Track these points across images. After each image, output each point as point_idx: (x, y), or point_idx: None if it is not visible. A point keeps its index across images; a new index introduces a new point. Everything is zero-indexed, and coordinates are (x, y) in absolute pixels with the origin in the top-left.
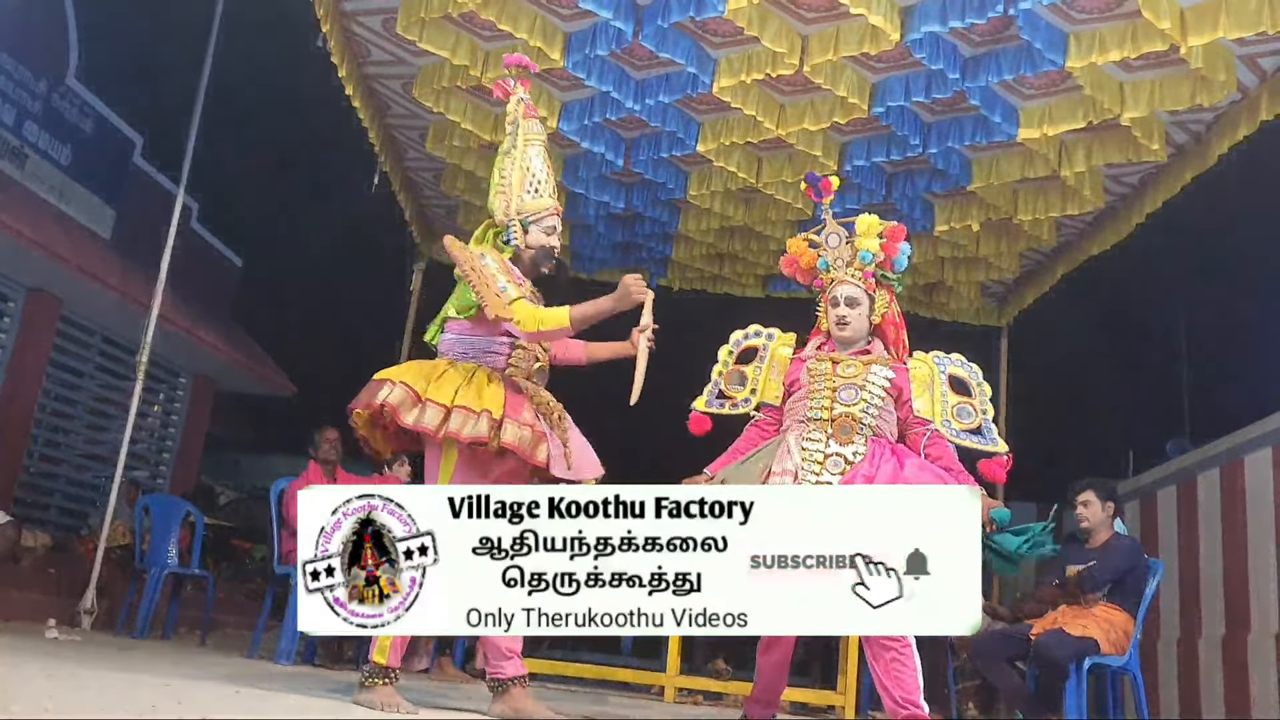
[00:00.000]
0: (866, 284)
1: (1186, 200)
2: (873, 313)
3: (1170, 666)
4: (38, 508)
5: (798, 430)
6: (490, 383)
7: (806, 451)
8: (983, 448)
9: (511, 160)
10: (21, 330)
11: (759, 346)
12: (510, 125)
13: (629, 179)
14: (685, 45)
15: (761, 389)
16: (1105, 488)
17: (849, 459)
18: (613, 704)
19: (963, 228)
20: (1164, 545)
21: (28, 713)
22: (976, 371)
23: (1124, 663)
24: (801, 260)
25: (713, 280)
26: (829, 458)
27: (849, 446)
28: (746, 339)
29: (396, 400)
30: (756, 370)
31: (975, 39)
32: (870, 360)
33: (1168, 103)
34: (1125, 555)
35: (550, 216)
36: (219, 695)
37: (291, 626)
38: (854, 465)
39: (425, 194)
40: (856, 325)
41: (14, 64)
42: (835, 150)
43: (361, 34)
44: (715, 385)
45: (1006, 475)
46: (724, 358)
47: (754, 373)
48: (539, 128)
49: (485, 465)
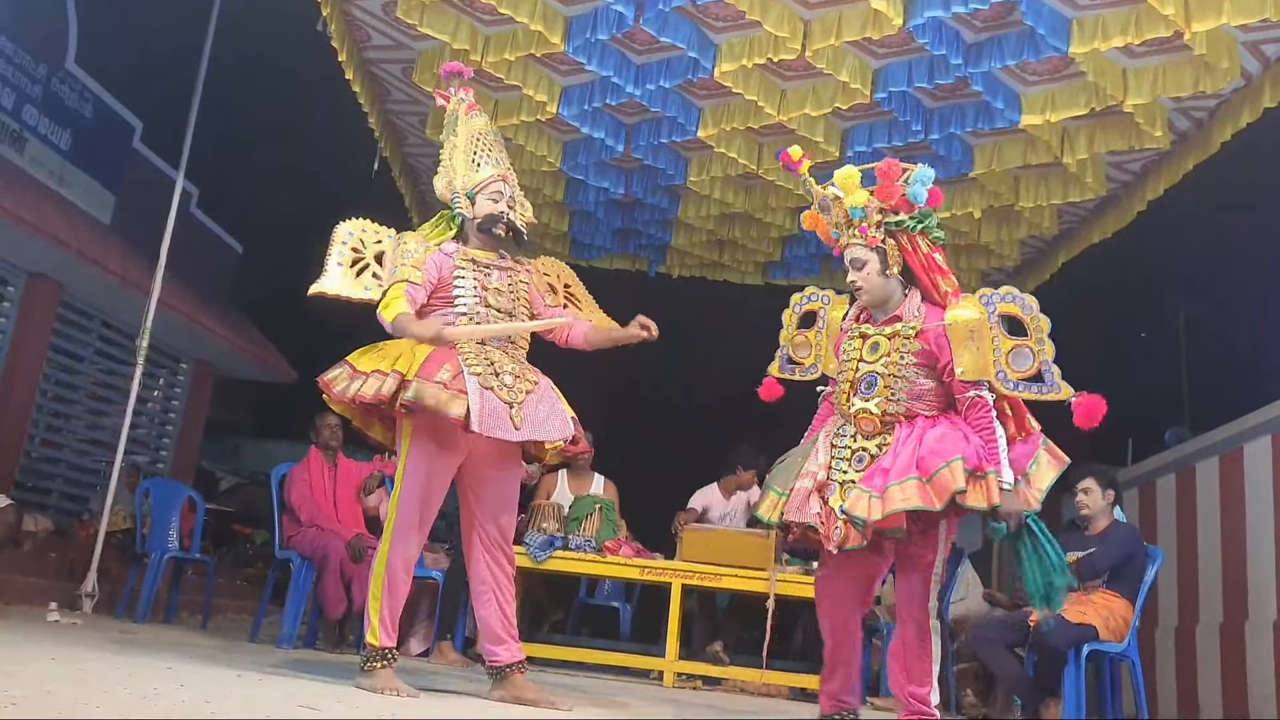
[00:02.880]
0: (869, 239)
1: (1189, 187)
2: (887, 266)
3: (1168, 654)
4: (39, 492)
5: (832, 424)
6: (424, 348)
7: (835, 449)
8: (1042, 397)
9: (452, 145)
10: (22, 315)
11: (818, 310)
12: (449, 119)
13: (629, 165)
14: (686, 29)
15: (824, 359)
16: (1106, 475)
17: (873, 453)
18: (612, 688)
19: (964, 215)
20: (1163, 533)
21: (31, 695)
22: (1031, 305)
23: (1123, 650)
24: (821, 234)
25: (712, 267)
26: (854, 453)
27: (874, 439)
28: (806, 301)
29: (331, 376)
30: (818, 336)
31: (978, 24)
32: (895, 332)
33: (1171, 89)
34: (1125, 543)
35: (494, 183)
36: (220, 679)
37: (292, 611)
38: (877, 458)
39: (425, 180)
40: (870, 285)
41: (13, 48)
42: (837, 136)
43: (362, 18)
44: (783, 351)
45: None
46: (787, 323)
47: (815, 339)
48: (482, 120)
49: (443, 434)
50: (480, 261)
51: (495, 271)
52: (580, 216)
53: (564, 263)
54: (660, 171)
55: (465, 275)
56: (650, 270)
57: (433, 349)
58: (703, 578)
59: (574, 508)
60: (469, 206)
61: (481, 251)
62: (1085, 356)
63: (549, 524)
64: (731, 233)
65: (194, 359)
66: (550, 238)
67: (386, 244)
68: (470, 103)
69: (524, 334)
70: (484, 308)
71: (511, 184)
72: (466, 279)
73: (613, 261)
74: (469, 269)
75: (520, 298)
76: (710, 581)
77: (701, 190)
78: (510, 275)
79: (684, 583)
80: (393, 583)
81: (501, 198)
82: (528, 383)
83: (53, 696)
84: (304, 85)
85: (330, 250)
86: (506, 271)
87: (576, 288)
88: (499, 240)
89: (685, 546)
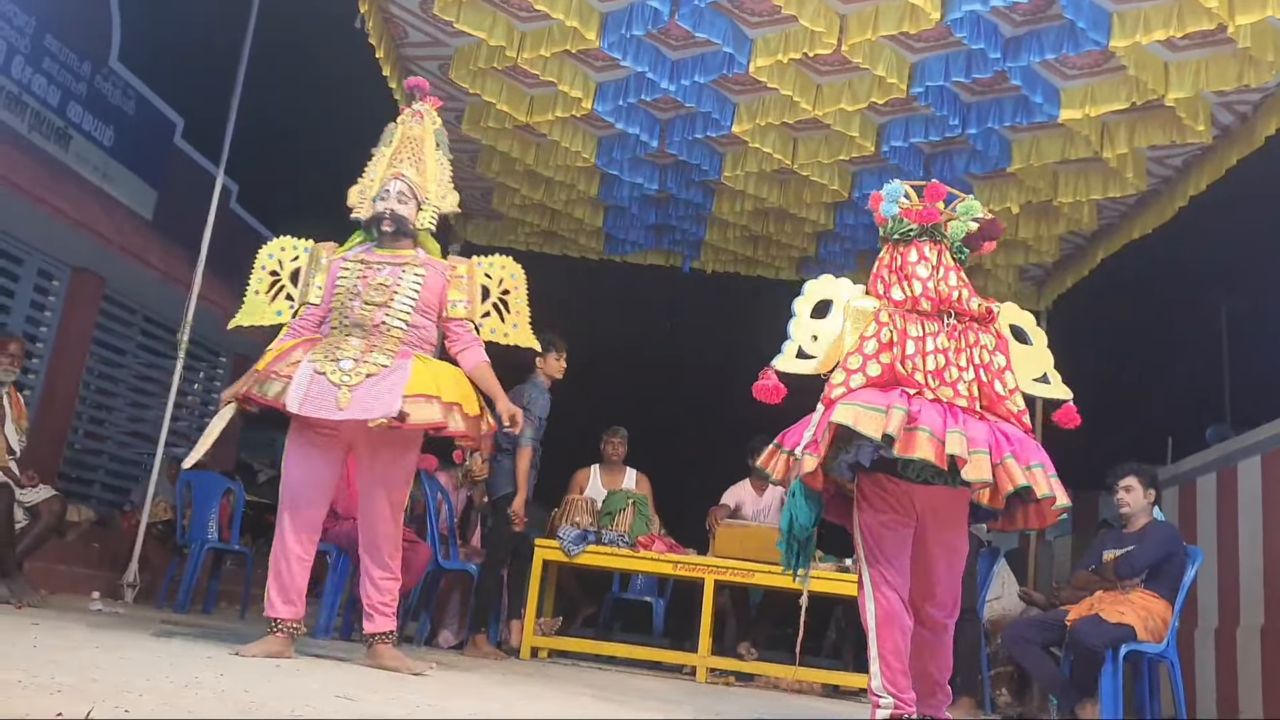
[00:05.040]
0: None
1: (1232, 182)
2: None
3: (1208, 655)
4: (82, 483)
5: None
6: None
7: None
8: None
9: (380, 155)
10: (67, 309)
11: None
12: (385, 134)
13: (663, 160)
14: (722, 25)
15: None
16: (1148, 474)
17: None
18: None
19: (1001, 210)
20: (1203, 533)
21: (76, 682)
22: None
23: (1161, 650)
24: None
25: (746, 263)
26: None
27: None
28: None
29: (243, 379)
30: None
31: (1017, 18)
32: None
33: (1214, 83)
34: (1163, 542)
35: (386, 184)
36: (259, 668)
37: (330, 602)
38: None
39: (461, 176)
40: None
41: (59, 46)
42: (873, 131)
43: (399, 15)
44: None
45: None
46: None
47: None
48: (420, 127)
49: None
50: (371, 262)
51: (385, 269)
52: (615, 212)
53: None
54: (695, 167)
55: (347, 277)
56: (684, 265)
57: (301, 340)
58: (736, 574)
59: (607, 502)
60: (365, 211)
61: (387, 251)
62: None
63: (582, 518)
64: (766, 228)
65: (233, 353)
66: (584, 233)
67: (303, 259)
68: (417, 111)
69: (396, 323)
70: (354, 302)
71: (409, 180)
72: (347, 279)
73: (646, 257)
74: (353, 269)
75: (401, 295)
76: (743, 578)
77: (736, 185)
78: (403, 272)
79: (717, 579)
80: (277, 563)
81: (389, 196)
82: (374, 366)
83: (97, 684)
84: (342, 82)
85: (250, 279)
86: (400, 268)
87: (515, 296)
88: (399, 238)
89: (719, 542)
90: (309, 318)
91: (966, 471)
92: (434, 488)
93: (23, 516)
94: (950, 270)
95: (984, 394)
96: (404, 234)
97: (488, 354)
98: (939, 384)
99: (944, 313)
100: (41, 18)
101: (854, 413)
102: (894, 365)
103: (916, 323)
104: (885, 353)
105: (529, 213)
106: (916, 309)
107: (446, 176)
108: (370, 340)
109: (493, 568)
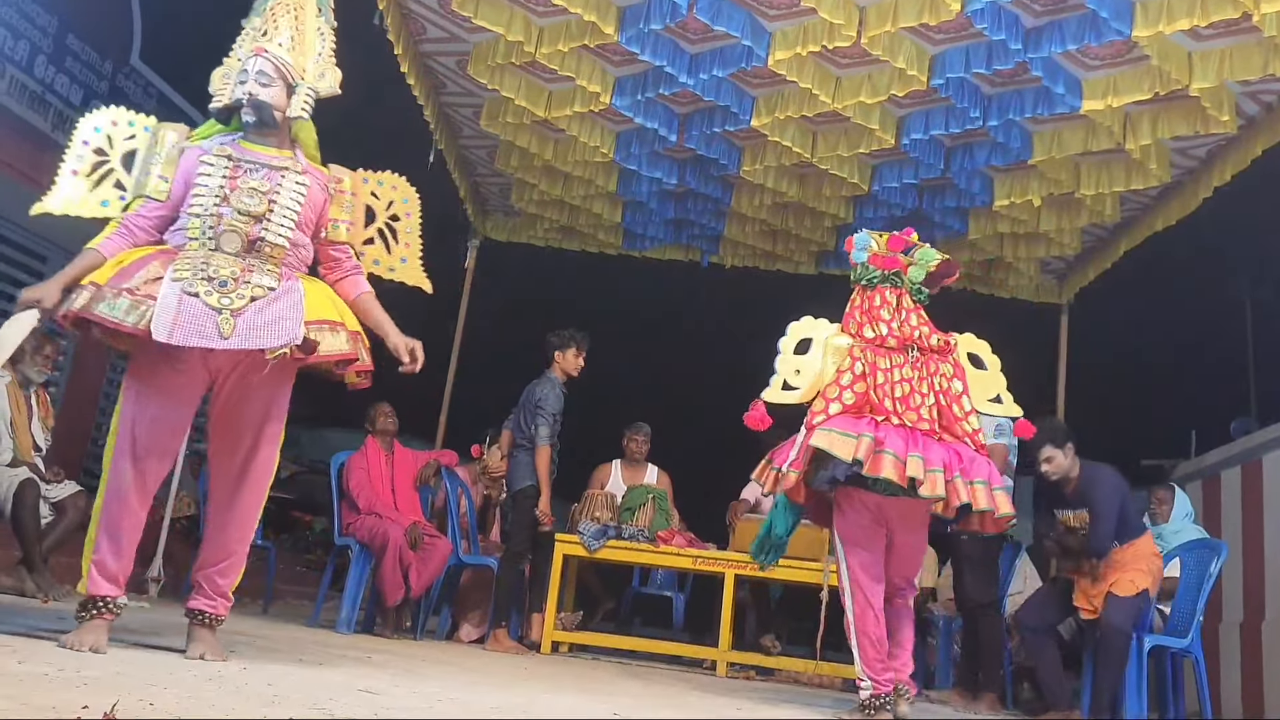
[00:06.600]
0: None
1: (1257, 173)
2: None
3: (1233, 651)
4: None
5: None
6: (143, 251)
7: None
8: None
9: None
10: None
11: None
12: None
13: (682, 155)
14: (740, 18)
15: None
16: (1050, 430)
17: None
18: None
19: (1023, 202)
20: (1228, 526)
21: (102, 675)
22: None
23: (1186, 645)
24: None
25: (765, 257)
26: None
27: None
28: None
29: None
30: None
31: (1038, 8)
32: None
33: (1239, 72)
34: (1107, 497)
35: (248, 61)
36: (282, 662)
37: (351, 596)
38: None
39: (479, 171)
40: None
41: (81, 45)
42: (892, 124)
43: (418, 11)
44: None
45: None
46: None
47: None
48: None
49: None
50: (240, 158)
51: (260, 171)
52: (633, 207)
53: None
54: (713, 161)
55: (211, 174)
56: (703, 260)
57: (153, 250)
58: (755, 568)
59: (627, 497)
60: (225, 97)
61: (258, 147)
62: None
63: (603, 513)
64: (785, 222)
65: None
66: (603, 229)
67: (141, 139)
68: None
69: (278, 240)
70: (223, 208)
71: (273, 56)
72: (211, 177)
73: (665, 252)
74: (218, 165)
75: (281, 206)
76: (763, 572)
77: (755, 180)
78: (282, 177)
79: (737, 573)
80: (114, 525)
81: (248, 77)
82: (257, 288)
83: (123, 677)
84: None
85: (66, 154)
86: (279, 172)
87: (406, 224)
88: (264, 128)
89: (738, 537)
90: (146, 215)
91: (923, 489)
92: (454, 483)
93: (48, 512)
94: (910, 312)
95: (943, 416)
96: (266, 123)
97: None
98: (905, 409)
99: (908, 347)
100: (64, 17)
101: (829, 438)
102: (867, 393)
103: (885, 356)
104: (859, 383)
105: (548, 208)
106: (884, 345)
107: (329, 50)
108: (248, 259)
109: (513, 562)
